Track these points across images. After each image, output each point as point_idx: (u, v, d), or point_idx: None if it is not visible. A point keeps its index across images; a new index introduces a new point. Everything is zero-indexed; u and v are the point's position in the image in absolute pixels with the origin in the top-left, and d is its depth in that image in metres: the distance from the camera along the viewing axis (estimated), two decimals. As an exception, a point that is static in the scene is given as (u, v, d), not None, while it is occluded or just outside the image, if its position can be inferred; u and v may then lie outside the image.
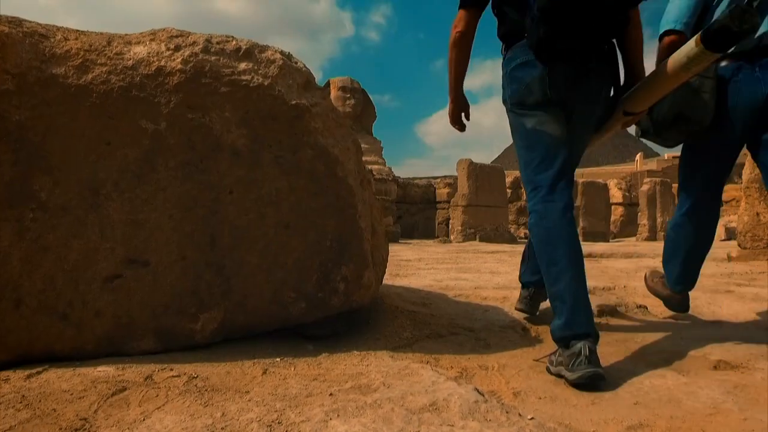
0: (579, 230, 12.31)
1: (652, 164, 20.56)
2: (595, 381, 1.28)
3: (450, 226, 13.19)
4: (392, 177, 15.42)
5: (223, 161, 1.46)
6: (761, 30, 1.63)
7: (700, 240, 2.00)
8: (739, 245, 5.29)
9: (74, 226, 1.30)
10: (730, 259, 5.38)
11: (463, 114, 1.87)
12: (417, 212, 15.76)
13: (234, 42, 1.56)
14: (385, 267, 2.01)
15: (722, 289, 3.09)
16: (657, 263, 5.07)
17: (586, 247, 8.99)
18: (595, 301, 2.44)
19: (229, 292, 1.46)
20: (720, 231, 13.27)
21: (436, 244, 11.55)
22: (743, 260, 5.18)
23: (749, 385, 1.28)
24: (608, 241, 12.14)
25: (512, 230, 13.73)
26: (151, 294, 1.38)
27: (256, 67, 1.53)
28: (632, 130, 1.91)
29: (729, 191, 16.95)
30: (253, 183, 1.48)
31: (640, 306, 2.44)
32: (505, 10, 1.64)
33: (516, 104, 1.61)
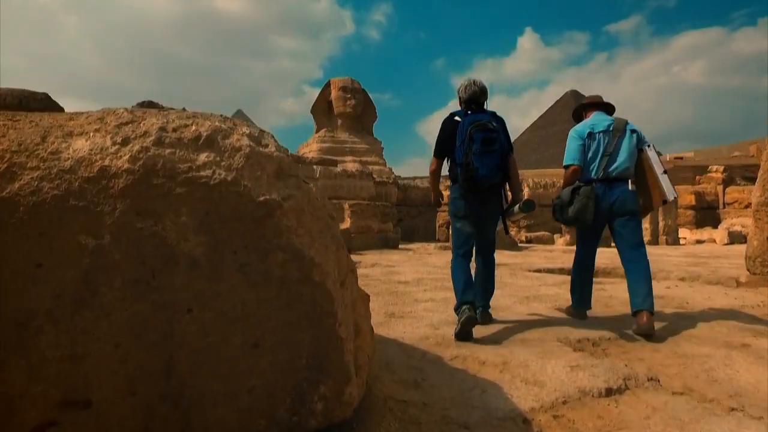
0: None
1: (655, 165, 20.44)
2: (467, 325, 2.87)
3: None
4: (393, 180, 15.21)
5: (179, 275, 1.26)
6: (613, 167, 3.23)
7: (586, 272, 3.53)
8: (748, 270, 5.09)
9: (-4, 370, 1.11)
10: (738, 284, 5.19)
11: (439, 198, 3.59)
12: (417, 215, 15.58)
13: (194, 128, 1.35)
14: (372, 364, 1.81)
15: (737, 341, 2.90)
16: (662, 288, 4.82)
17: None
18: (601, 374, 2.25)
19: (188, 426, 1.26)
20: (722, 234, 13.09)
21: (437, 250, 11.35)
22: (753, 286, 4.99)
23: None
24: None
25: (512, 233, 13.53)
26: (94, 438, 1.19)
27: (218, 159, 1.33)
28: None
29: (731, 193, 16.70)
30: (215, 298, 1.28)
31: (651, 379, 2.24)
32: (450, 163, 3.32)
33: (453, 214, 3.34)
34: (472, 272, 3.25)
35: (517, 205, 3.17)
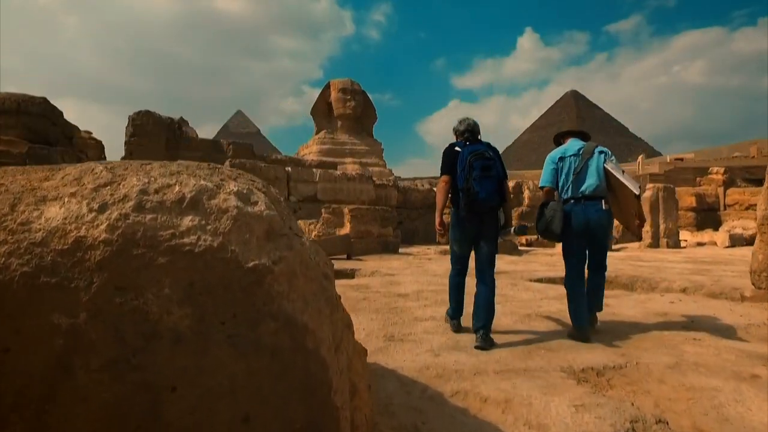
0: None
1: (654, 167, 20.34)
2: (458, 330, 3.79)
3: (449, 233, 12.90)
4: (393, 182, 15.10)
5: (162, 352, 1.17)
6: (583, 186, 3.61)
7: (578, 292, 3.72)
8: (753, 284, 5.02)
9: (-37, 466, 1.02)
10: (743, 298, 5.11)
11: (441, 229, 3.80)
12: (417, 217, 15.48)
13: (177, 188, 1.27)
14: (369, 421, 1.73)
15: (746, 371, 2.82)
16: (665, 303, 4.74)
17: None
18: (607, 416, 2.17)
19: None
20: (723, 237, 13.02)
21: (438, 255, 11.28)
22: (758, 301, 4.91)
23: None
24: (611, 249, 11.84)
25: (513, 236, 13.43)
26: None
27: (203, 223, 1.24)
28: None
29: (732, 195, 16.61)
30: (201, 373, 1.20)
31: (660, 421, 2.16)
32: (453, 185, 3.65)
33: (453, 238, 3.74)
34: (469, 278, 3.76)
35: (512, 229, 3.90)
